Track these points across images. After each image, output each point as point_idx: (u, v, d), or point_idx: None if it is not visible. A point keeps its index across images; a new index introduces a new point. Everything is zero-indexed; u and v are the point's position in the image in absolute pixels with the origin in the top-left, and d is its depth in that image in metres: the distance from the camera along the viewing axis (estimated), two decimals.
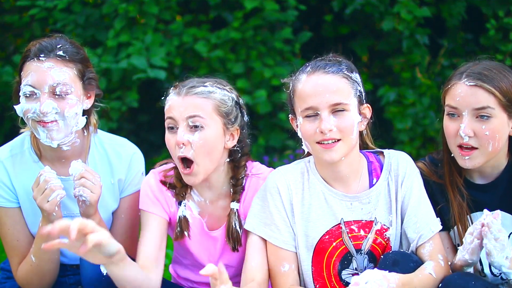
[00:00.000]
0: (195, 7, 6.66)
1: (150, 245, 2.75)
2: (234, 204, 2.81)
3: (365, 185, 2.70)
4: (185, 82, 2.78)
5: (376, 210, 2.68)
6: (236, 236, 2.80)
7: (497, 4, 6.40)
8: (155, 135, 6.59)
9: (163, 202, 2.82)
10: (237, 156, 2.83)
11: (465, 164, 2.69)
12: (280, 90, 6.15)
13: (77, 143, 2.84)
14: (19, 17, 6.67)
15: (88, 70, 2.81)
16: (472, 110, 2.64)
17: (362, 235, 2.67)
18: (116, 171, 2.93)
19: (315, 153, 2.63)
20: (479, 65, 2.70)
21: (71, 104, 2.72)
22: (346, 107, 2.56)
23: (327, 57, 2.67)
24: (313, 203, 2.69)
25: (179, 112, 2.69)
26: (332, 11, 6.55)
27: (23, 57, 2.76)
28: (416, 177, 2.71)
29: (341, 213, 2.67)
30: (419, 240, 2.63)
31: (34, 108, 2.69)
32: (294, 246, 2.69)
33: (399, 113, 6.10)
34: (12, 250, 2.86)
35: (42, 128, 2.71)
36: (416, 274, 2.51)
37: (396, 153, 2.75)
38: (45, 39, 2.79)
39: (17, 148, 2.90)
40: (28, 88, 2.71)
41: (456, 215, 2.75)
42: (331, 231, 2.68)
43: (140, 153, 3.00)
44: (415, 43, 6.24)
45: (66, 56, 2.73)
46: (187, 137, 2.67)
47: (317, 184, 2.70)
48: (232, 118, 2.77)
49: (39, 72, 2.69)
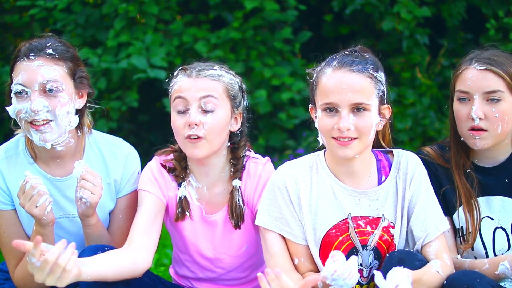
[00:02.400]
0: (195, 7, 6.66)
1: (142, 219, 2.74)
2: (236, 181, 2.83)
3: (374, 182, 2.71)
4: (193, 65, 2.82)
5: (384, 207, 2.68)
6: (240, 212, 2.82)
7: (497, 4, 6.40)
8: (155, 135, 6.59)
9: (162, 184, 2.83)
10: (237, 139, 2.88)
11: (475, 143, 2.77)
12: (280, 90, 6.16)
13: (71, 143, 2.83)
14: (19, 17, 6.68)
15: (79, 68, 2.81)
16: (483, 93, 2.73)
17: (369, 231, 2.68)
18: (111, 171, 2.92)
19: (329, 147, 2.64)
20: (487, 52, 2.81)
21: (62, 102, 2.72)
22: (367, 107, 2.56)
23: (354, 51, 2.65)
24: (321, 196, 2.70)
25: (191, 92, 2.72)
26: (332, 11, 6.56)
27: (13, 58, 2.76)
28: (425, 176, 2.73)
29: (349, 208, 2.68)
30: (425, 239, 2.64)
31: (25, 108, 2.68)
32: (304, 239, 2.70)
33: (399, 113, 6.10)
34: (8, 252, 2.85)
35: (35, 131, 2.70)
36: (425, 271, 2.52)
37: (405, 153, 2.77)
38: (35, 39, 2.80)
39: (11, 149, 2.88)
40: (18, 87, 2.70)
41: (462, 198, 2.82)
42: (338, 225, 2.68)
43: (135, 152, 3.00)
44: (415, 43, 6.25)
45: (56, 54, 2.74)
46: (200, 118, 2.70)
47: (326, 178, 2.71)
48: (238, 102, 2.83)
49: (29, 70, 2.70)
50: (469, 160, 2.87)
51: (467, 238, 2.82)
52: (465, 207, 2.82)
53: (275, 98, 6.14)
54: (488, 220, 2.84)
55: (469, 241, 2.81)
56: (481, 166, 2.87)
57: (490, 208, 2.84)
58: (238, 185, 2.84)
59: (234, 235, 2.87)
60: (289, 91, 6.06)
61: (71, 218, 2.87)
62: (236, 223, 2.83)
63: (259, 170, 2.85)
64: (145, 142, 6.58)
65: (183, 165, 2.86)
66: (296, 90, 6.06)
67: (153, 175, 2.84)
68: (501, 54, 2.80)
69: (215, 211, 2.87)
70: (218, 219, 2.86)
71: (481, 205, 2.83)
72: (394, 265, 2.47)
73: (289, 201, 2.69)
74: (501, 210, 2.83)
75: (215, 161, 2.83)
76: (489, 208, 2.84)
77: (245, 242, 2.89)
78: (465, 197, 2.82)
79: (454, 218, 2.85)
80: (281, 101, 6.11)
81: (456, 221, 2.85)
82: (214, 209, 2.87)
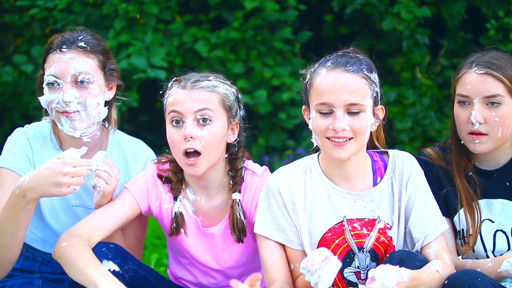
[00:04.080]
0: (195, 7, 6.66)
1: (110, 215, 2.71)
2: (236, 194, 2.81)
3: (369, 183, 2.71)
4: (187, 76, 2.77)
5: (379, 209, 2.68)
6: (241, 226, 2.80)
7: (497, 4, 6.40)
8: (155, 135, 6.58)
9: (152, 194, 2.82)
10: (234, 150, 2.85)
11: (475, 148, 2.76)
12: (280, 90, 6.16)
13: (97, 136, 2.90)
14: (19, 17, 6.67)
15: (109, 61, 2.91)
16: (483, 97, 2.73)
17: (365, 233, 2.67)
18: (131, 169, 2.98)
19: (324, 148, 2.63)
20: (487, 55, 2.80)
21: (93, 94, 2.80)
22: (362, 108, 2.55)
23: (348, 52, 2.65)
24: (316, 200, 2.69)
25: (186, 105, 2.69)
26: (332, 11, 6.55)
27: (46, 50, 2.85)
28: (421, 177, 2.72)
29: (343, 210, 2.68)
30: (425, 240, 2.63)
31: (57, 99, 2.77)
32: (300, 245, 2.69)
33: (399, 113, 6.10)
34: None
35: (65, 119, 2.78)
36: (424, 270, 2.52)
37: (400, 153, 2.76)
38: (67, 32, 2.89)
39: (39, 132, 2.95)
40: (51, 78, 2.79)
41: (464, 200, 2.81)
42: (333, 228, 2.68)
43: (154, 155, 3.05)
44: (415, 43, 6.25)
45: (88, 47, 2.83)
46: (196, 131, 2.67)
47: (320, 181, 2.70)
48: (234, 112, 2.79)
49: (62, 62, 2.79)
50: (470, 163, 2.86)
51: (467, 241, 2.81)
52: (466, 209, 2.81)
53: (275, 98, 6.14)
54: (488, 223, 2.83)
55: (470, 244, 2.81)
56: (482, 169, 2.87)
57: (490, 211, 2.83)
58: (238, 198, 2.81)
59: (234, 247, 2.86)
60: (289, 91, 6.06)
61: (87, 209, 2.91)
62: (238, 237, 2.81)
63: (256, 182, 2.82)
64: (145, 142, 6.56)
65: (180, 177, 2.83)
66: (296, 90, 6.06)
67: (146, 183, 2.82)
68: (502, 57, 2.78)
69: (213, 224, 2.84)
70: (216, 232, 2.84)
71: (481, 207, 2.83)
72: (395, 265, 2.47)
73: (283, 207, 2.69)
74: (502, 213, 2.82)
75: (213, 175, 2.80)
76: (490, 210, 2.83)
77: (246, 253, 2.88)
78: (466, 200, 2.82)
79: (455, 220, 2.85)
80: (281, 101, 6.11)
81: (457, 223, 2.85)
82: (212, 221, 2.85)
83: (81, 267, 2.50)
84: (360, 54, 2.67)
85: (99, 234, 2.66)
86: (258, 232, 2.71)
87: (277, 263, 2.69)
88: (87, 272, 2.47)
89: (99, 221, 2.69)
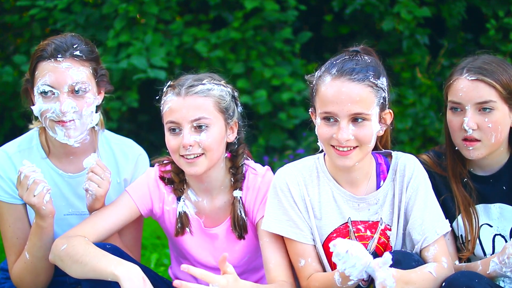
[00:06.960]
0: (195, 7, 6.66)
1: (107, 218, 2.73)
2: (237, 192, 2.81)
3: (373, 186, 2.70)
4: (181, 81, 2.75)
5: (382, 211, 2.68)
6: (243, 224, 2.80)
7: (497, 4, 6.40)
8: (155, 135, 6.58)
9: (155, 197, 2.82)
10: (234, 147, 2.85)
11: (469, 154, 2.73)
12: (280, 90, 6.16)
13: (87, 140, 2.87)
14: (19, 17, 6.68)
15: (100, 67, 2.87)
16: (475, 104, 2.68)
17: (368, 235, 2.67)
18: (122, 170, 2.95)
19: (329, 155, 2.62)
20: (478, 60, 2.75)
21: (88, 102, 2.77)
22: (367, 117, 2.52)
23: (356, 55, 2.59)
24: (322, 200, 2.69)
25: (182, 114, 2.68)
26: (332, 11, 6.55)
27: (36, 56, 2.76)
28: (424, 179, 2.70)
29: (348, 212, 2.68)
30: (424, 243, 2.62)
31: (53, 108, 2.72)
32: (312, 239, 2.68)
33: (399, 113, 6.10)
34: (10, 247, 2.85)
35: (60, 127, 2.74)
36: (415, 270, 2.50)
37: (403, 155, 2.74)
38: (57, 38, 2.81)
39: (24, 144, 2.91)
40: (46, 87, 2.73)
41: (461, 206, 2.80)
42: (339, 229, 2.68)
43: (145, 154, 3.03)
44: (415, 43, 6.25)
45: (83, 56, 2.78)
46: (194, 138, 2.67)
47: (326, 182, 2.70)
48: (231, 113, 2.78)
49: (58, 72, 2.72)
50: (465, 169, 2.84)
51: (466, 246, 2.80)
52: (464, 215, 2.80)
53: (275, 98, 6.14)
54: (487, 228, 2.82)
55: (469, 249, 2.79)
56: (477, 174, 2.85)
57: (488, 216, 2.82)
58: (239, 195, 2.81)
59: (236, 247, 2.85)
60: (289, 91, 6.06)
61: (80, 215, 2.89)
62: (239, 234, 2.81)
63: (258, 182, 2.82)
64: (145, 142, 6.57)
65: (182, 177, 2.83)
66: (296, 90, 6.06)
67: (148, 186, 2.82)
68: (493, 61, 2.73)
69: (216, 224, 2.85)
70: (219, 232, 2.84)
71: (479, 212, 2.81)
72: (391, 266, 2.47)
73: (293, 202, 2.68)
74: (500, 217, 2.81)
75: (214, 175, 2.80)
76: (488, 215, 2.82)
77: (248, 252, 2.87)
78: (463, 205, 2.80)
79: (453, 226, 2.82)
80: (281, 101, 6.11)
81: (456, 229, 2.83)
82: (215, 222, 2.85)
83: (91, 263, 2.49)
84: (370, 55, 2.62)
85: (95, 237, 2.66)
86: (268, 230, 2.69)
87: (281, 263, 2.69)
88: (100, 266, 2.47)
89: (96, 225, 2.70)
